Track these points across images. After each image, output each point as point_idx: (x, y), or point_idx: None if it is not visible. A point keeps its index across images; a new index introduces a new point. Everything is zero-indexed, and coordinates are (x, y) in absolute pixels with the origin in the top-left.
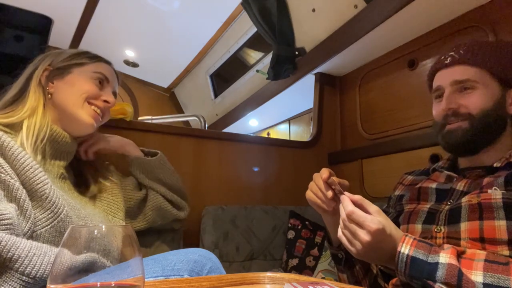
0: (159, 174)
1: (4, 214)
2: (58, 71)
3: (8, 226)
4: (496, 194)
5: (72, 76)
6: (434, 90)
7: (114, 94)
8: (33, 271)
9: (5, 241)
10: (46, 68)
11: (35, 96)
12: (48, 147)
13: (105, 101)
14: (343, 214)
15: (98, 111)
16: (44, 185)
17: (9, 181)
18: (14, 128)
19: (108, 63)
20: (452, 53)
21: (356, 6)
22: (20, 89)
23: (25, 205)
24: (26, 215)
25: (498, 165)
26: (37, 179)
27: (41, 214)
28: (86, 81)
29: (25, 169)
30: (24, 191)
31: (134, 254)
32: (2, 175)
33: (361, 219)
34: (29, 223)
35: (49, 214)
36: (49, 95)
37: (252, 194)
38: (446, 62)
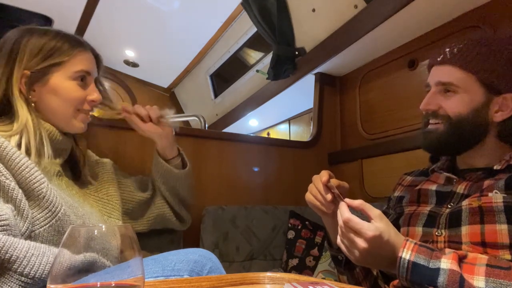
0: (178, 186)
1: (0, 216)
2: (36, 76)
3: (4, 227)
4: (497, 198)
5: (54, 81)
6: (425, 85)
7: (98, 81)
8: (31, 272)
9: (3, 242)
10: (23, 74)
11: (23, 111)
12: (43, 146)
13: (91, 101)
14: (340, 221)
15: (88, 112)
16: (40, 184)
17: (4, 182)
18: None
19: (86, 48)
20: (447, 50)
21: (356, 6)
22: (4, 95)
23: (21, 205)
24: (23, 215)
25: (499, 167)
26: (33, 179)
27: (38, 214)
28: (70, 85)
29: (21, 169)
30: (20, 191)
31: (134, 254)
32: None
33: (357, 227)
34: (26, 223)
35: (47, 213)
36: (33, 104)
37: (252, 194)
38: (438, 59)
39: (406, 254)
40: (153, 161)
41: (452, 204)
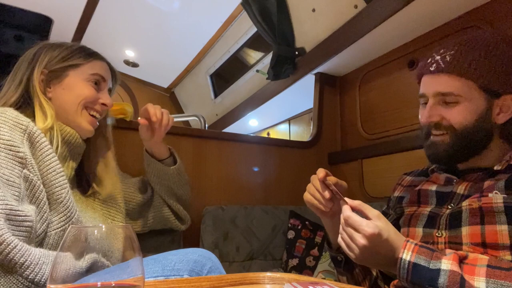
0: (173, 184)
1: (28, 216)
2: (54, 75)
3: (28, 229)
4: (497, 198)
5: (69, 80)
6: (419, 95)
7: (110, 91)
8: (42, 280)
9: (20, 246)
10: (42, 72)
11: (49, 107)
12: (62, 149)
13: (103, 104)
14: (341, 219)
15: (97, 115)
16: (62, 189)
17: (36, 182)
18: None
19: (102, 59)
20: (438, 58)
21: (356, 6)
22: (21, 94)
23: (44, 208)
24: (43, 217)
25: (499, 168)
26: (57, 183)
27: (54, 217)
28: (84, 85)
29: (49, 171)
30: (45, 192)
31: (134, 254)
32: (31, 174)
33: (356, 224)
34: (43, 225)
35: (62, 217)
36: (49, 100)
37: (252, 194)
38: (431, 68)
39: (407, 255)
40: (145, 162)
41: (452, 204)
